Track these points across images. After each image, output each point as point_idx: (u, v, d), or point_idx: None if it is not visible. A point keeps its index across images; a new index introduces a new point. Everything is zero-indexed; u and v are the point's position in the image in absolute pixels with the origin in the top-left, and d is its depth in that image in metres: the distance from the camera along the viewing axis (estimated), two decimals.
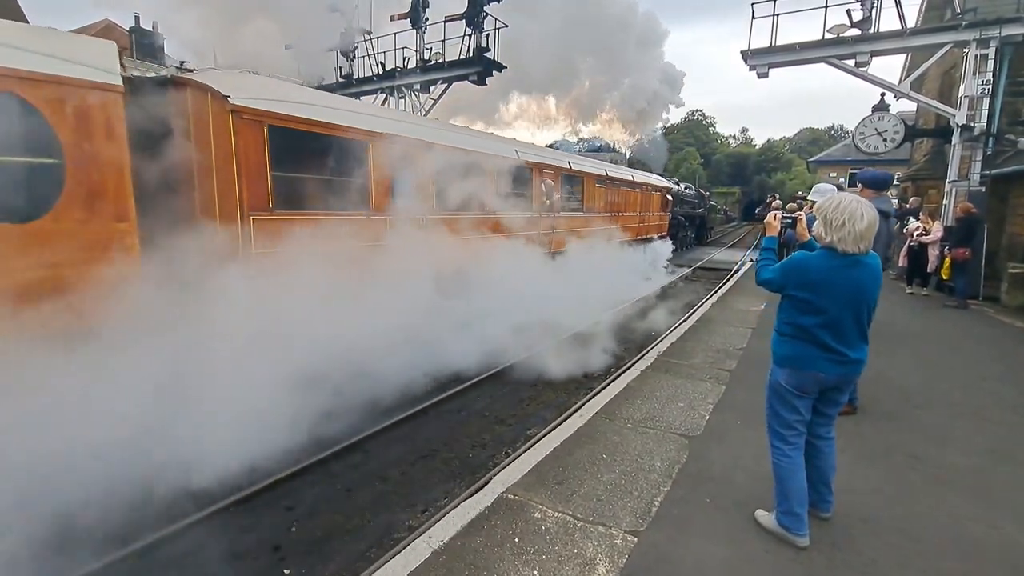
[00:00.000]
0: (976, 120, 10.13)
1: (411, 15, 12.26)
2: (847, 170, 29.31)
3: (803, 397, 2.55)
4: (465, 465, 5.08)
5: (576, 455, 3.59)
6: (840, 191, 5.39)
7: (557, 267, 9.50)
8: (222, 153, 5.06)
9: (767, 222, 2.99)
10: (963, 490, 3.17)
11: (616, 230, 12.97)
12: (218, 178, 5.09)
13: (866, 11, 10.46)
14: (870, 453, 3.63)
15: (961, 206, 9.47)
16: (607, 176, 12.96)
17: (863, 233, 2.28)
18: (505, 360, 7.38)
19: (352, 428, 5.28)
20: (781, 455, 2.60)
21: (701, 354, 6.12)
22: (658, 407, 4.48)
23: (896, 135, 11.62)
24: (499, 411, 6.24)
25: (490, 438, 5.66)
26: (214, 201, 5.12)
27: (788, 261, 2.53)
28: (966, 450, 3.71)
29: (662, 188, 17.98)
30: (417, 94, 13.10)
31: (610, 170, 13.44)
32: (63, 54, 3.98)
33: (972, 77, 10.00)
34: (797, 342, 2.49)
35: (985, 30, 9.77)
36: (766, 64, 11.45)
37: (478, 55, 11.41)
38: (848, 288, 2.36)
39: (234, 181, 5.10)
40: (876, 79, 11.08)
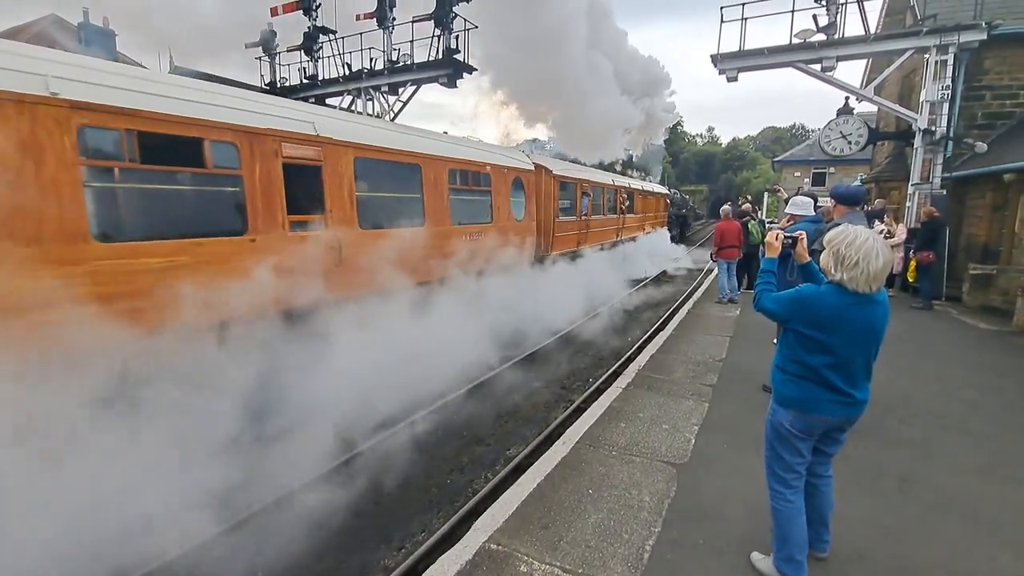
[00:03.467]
0: (937, 124, 10.39)
1: (377, 15, 11.83)
2: (811, 170, 30.12)
3: (806, 439, 2.40)
4: (443, 492, 4.85)
5: (561, 492, 3.39)
6: (811, 199, 5.38)
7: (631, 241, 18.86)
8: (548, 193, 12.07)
9: (767, 242, 2.72)
10: (957, 517, 3.11)
11: (648, 222, 21.89)
12: (546, 205, 12.03)
13: (831, 16, 10.60)
14: (860, 477, 3.55)
15: (924, 210, 9.70)
16: (643, 190, 20.96)
17: (877, 274, 2.12)
18: (483, 373, 7.18)
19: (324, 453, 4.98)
20: (781, 500, 2.45)
21: (681, 368, 6.01)
22: (642, 430, 4.33)
23: (860, 138, 11.84)
24: (477, 430, 6.02)
25: (468, 460, 5.44)
26: (548, 214, 12.17)
27: (796, 295, 2.34)
28: (954, 469, 3.67)
29: (663, 195, 25.60)
30: (385, 96, 12.69)
31: (644, 186, 21.66)
32: (518, 161, 10.96)
33: (932, 82, 10.24)
34: (804, 383, 2.33)
35: (944, 36, 10.01)
36: (736, 68, 11.50)
37: (448, 56, 11.10)
38: (860, 328, 2.21)
39: (553, 208, 12.14)
40: (841, 83, 11.27)
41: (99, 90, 4.25)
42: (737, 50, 11.37)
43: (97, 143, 4.31)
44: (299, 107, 6.47)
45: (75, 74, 4.17)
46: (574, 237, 13.62)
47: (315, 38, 13.07)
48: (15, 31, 21.21)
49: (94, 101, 4.19)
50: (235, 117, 5.21)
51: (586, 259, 13.57)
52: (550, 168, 12.27)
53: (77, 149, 4.08)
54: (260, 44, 13.83)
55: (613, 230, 16.97)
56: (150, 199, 4.85)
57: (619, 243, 17.53)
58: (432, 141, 8.42)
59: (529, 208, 11.18)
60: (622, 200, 17.86)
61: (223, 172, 5.18)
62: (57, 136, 3.96)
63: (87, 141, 4.19)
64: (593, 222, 14.93)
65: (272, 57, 13.99)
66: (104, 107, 4.24)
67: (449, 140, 9.55)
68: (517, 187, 10.69)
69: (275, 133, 5.56)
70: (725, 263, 10.02)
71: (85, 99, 4.14)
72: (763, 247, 2.78)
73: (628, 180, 20.16)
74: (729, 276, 10.05)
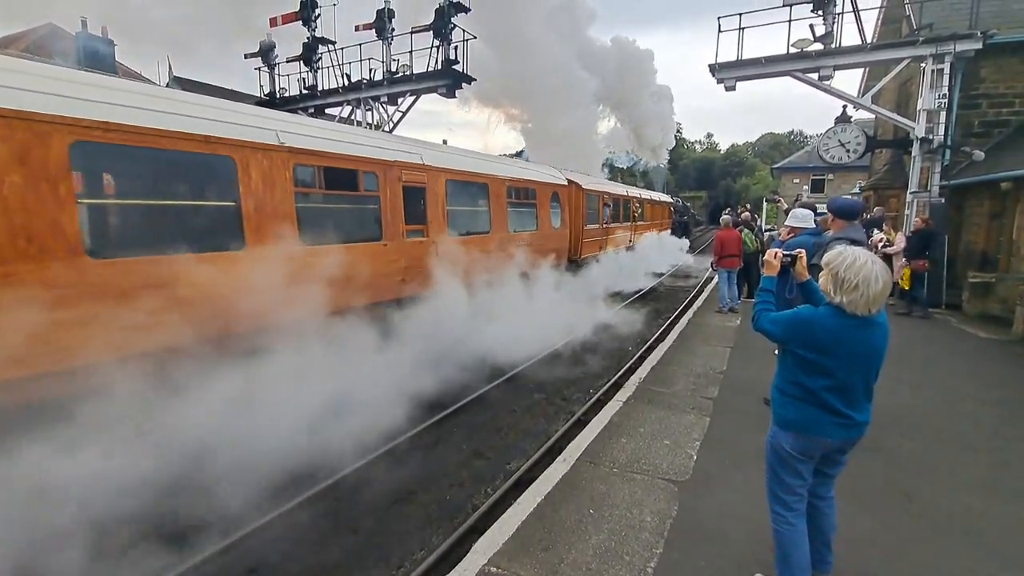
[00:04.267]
0: (934, 133, 10.44)
1: (376, 26, 11.90)
2: (809, 176, 30.19)
3: (807, 461, 2.39)
4: (443, 509, 4.81)
5: (561, 512, 3.37)
6: (811, 210, 5.39)
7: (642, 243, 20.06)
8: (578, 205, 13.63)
9: (766, 260, 2.69)
10: (960, 535, 3.09)
11: (656, 227, 23.90)
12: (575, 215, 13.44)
13: (828, 26, 10.66)
14: (862, 493, 3.53)
15: (917, 219, 9.77)
16: (651, 200, 23.69)
17: (876, 297, 2.11)
18: (483, 385, 7.17)
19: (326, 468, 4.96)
20: (783, 522, 2.43)
21: (682, 380, 6.00)
22: (643, 446, 4.31)
23: (858, 146, 11.90)
24: (477, 443, 5.98)
25: (468, 475, 5.40)
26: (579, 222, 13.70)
27: (794, 317, 2.33)
28: (956, 485, 3.65)
29: (668, 203, 28.24)
30: (384, 106, 12.74)
31: (654, 196, 25.13)
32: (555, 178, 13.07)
33: (929, 91, 10.29)
34: (802, 405, 2.31)
35: (940, 46, 10.07)
36: (734, 77, 11.57)
37: (446, 67, 11.15)
38: (859, 351, 2.19)
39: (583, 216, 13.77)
40: (838, 92, 11.33)
41: (305, 140, 6.13)
42: (735, 60, 11.43)
43: (302, 176, 6.22)
44: (410, 142, 8.52)
45: (292, 128, 6.14)
46: (598, 242, 15.36)
47: (314, 49, 13.13)
48: (11, 39, 21.30)
49: (303, 148, 6.04)
50: (378, 154, 7.14)
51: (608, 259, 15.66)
52: (579, 183, 14.02)
53: (292, 180, 5.85)
54: (259, 54, 13.89)
55: (628, 235, 19.00)
56: (330, 215, 6.67)
57: (632, 247, 19.20)
58: (495, 163, 10.64)
59: (564, 217, 12.99)
60: (635, 209, 19.84)
61: (369, 194, 7.02)
62: (282, 171, 5.76)
63: (297, 175, 5.98)
64: (612, 228, 16.82)
65: (271, 67, 14.05)
66: (308, 151, 6.09)
67: (507, 162, 11.73)
68: (555, 200, 12.52)
69: (399, 164, 7.43)
70: (726, 272, 10.03)
71: (298, 146, 5.99)
72: (761, 259, 2.76)
73: (639, 191, 22.71)
74: (729, 285, 10.06)
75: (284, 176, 5.70)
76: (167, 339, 4.49)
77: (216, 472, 4.21)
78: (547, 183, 12.16)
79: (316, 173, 6.55)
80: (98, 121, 4.21)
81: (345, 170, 6.65)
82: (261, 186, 5.44)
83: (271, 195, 5.54)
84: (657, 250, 20.63)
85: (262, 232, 5.39)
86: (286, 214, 5.70)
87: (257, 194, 5.41)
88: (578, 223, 13.77)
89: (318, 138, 6.35)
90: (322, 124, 7.33)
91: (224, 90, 20.05)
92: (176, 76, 20.11)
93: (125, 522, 3.64)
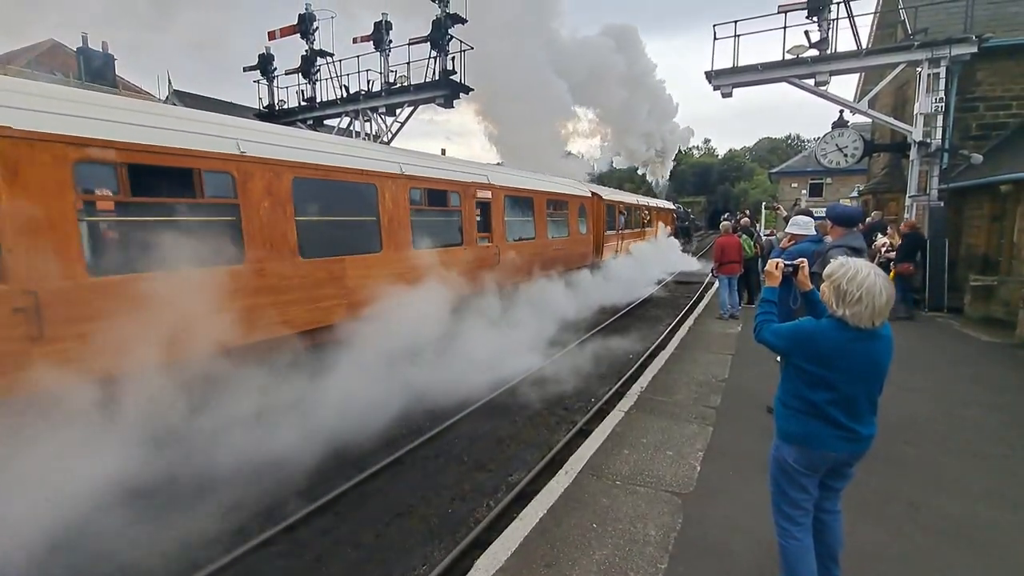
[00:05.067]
0: (932, 136, 10.45)
1: (374, 38, 11.99)
2: (807, 180, 30.25)
3: (812, 476, 2.35)
4: (444, 523, 4.76)
5: (564, 526, 3.33)
6: (812, 217, 5.38)
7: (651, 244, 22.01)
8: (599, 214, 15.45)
9: (767, 271, 2.66)
10: (967, 546, 3.04)
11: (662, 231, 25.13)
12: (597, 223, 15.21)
13: (823, 32, 10.72)
14: (868, 502, 3.48)
15: (906, 222, 9.80)
16: (657, 207, 25.68)
17: (881, 310, 2.08)
18: (485, 394, 7.13)
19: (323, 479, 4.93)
20: (789, 537, 2.39)
21: (684, 389, 5.96)
22: (646, 458, 4.27)
23: (856, 150, 11.91)
24: (478, 455, 5.93)
25: (470, 488, 5.35)
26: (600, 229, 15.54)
27: (795, 329, 2.30)
28: (962, 494, 3.61)
29: (672, 210, 30.16)
30: (383, 117, 12.80)
31: (660, 204, 27.49)
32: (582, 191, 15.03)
33: (926, 95, 10.32)
34: (806, 418, 2.28)
35: (936, 50, 10.12)
36: (730, 84, 11.61)
37: (444, 77, 11.21)
38: (863, 364, 2.16)
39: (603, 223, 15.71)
40: (835, 97, 11.36)
41: (417, 168, 8.03)
42: (731, 66, 11.48)
43: (413, 196, 7.91)
44: (478, 165, 10.97)
45: (409, 160, 8.04)
46: (614, 246, 17.36)
47: (313, 61, 13.22)
48: (13, 55, 21.44)
49: (416, 175, 7.91)
50: (462, 176, 9.05)
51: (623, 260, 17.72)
52: (600, 194, 16.12)
53: (408, 199, 7.67)
54: (258, 67, 13.98)
55: (637, 240, 20.98)
56: (430, 226, 8.32)
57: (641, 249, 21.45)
58: (537, 180, 12.38)
59: (588, 225, 14.92)
60: (644, 216, 21.97)
61: (455, 209, 8.88)
62: (403, 193, 7.57)
63: (411, 196, 7.75)
64: (625, 234, 18.80)
65: (270, 80, 14.14)
66: (419, 177, 7.99)
67: (545, 178, 13.28)
68: (581, 210, 14.42)
69: (474, 184, 9.29)
70: (726, 278, 10.00)
71: (413, 174, 7.85)
72: (761, 264, 2.74)
73: (647, 200, 25.14)
74: (730, 291, 10.03)
75: (404, 197, 7.56)
76: (344, 313, 6.52)
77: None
78: (576, 195, 14.17)
79: (422, 194, 8.18)
80: (310, 164, 6.19)
81: (440, 191, 8.57)
82: (391, 205, 7.32)
83: (396, 211, 7.42)
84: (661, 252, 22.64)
85: (392, 239, 7.32)
86: (405, 225, 7.58)
87: (389, 211, 7.30)
88: (600, 229, 15.61)
89: (424, 167, 8.26)
90: (424, 155, 9.50)
91: (223, 103, 20.16)
92: (176, 90, 20.23)
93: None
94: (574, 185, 14.88)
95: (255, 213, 5.49)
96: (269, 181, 5.64)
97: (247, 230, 5.40)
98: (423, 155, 9.34)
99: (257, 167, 5.53)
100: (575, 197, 13.94)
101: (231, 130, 5.54)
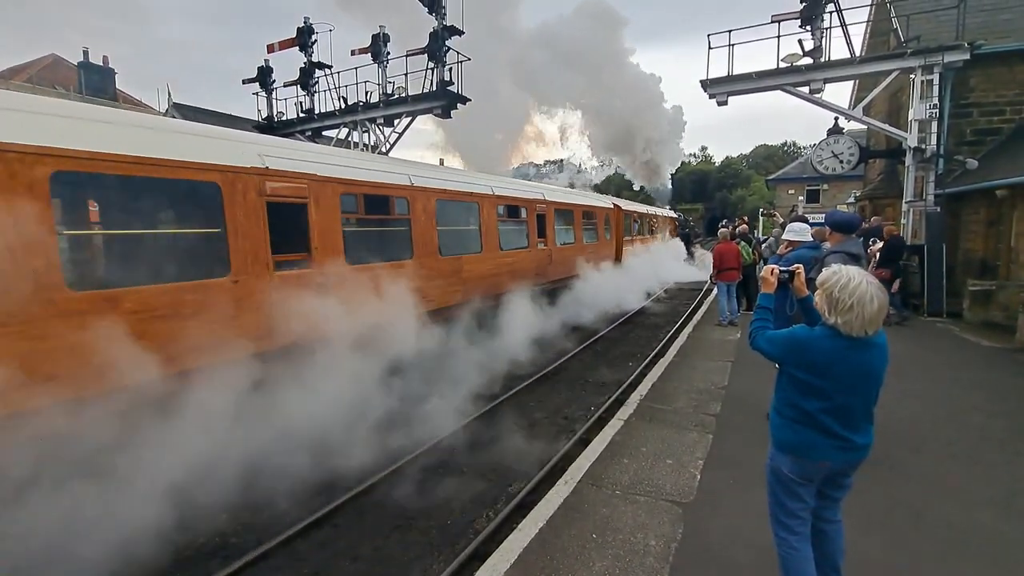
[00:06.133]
0: (927, 142, 10.50)
1: (372, 50, 12.07)
2: (804, 187, 30.37)
3: (808, 485, 2.32)
4: (444, 534, 4.70)
5: (564, 537, 3.29)
6: (808, 224, 5.39)
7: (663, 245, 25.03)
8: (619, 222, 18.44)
9: (763, 277, 2.64)
10: (973, 556, 3.00)
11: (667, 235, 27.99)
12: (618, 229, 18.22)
13: (816, 40, 10.81)
14: (872, 511, 3.44)
15: (886, 229, 9.82)
16: (664, 215, 28.47)
17: (873, 318, 2.06)
18: (487, 403, 7.09)
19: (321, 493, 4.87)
20: (788, 547, 2.36)
21: (683, 396, 5.93)
22: (646, 467, 4.23)
23: (852, 157, 11.95)
24: (478, 464, 5.88)
25: (469, 498, 5.30)
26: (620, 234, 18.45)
27: (790, 337, 2.28)
28: (967, 502, 3.57)
29: (673, 218, 32.44)
30: (381, 128, 12.85)
31: (663, 212, 29.32)
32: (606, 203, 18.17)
33: (920, 101, 10.38)
34: (800, 427, 2.26)
35: (929, 57, 10.19)
36: (725, 92, 11.68)
37: (442, 88, 11.28)
38: (856, 373, 2.14)
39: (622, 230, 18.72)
40: (830, 104, 11.43)
41: (502, 189, 10.57)
42: (726, 75, 11.56)
43: (500, 211, 10.36)
44: (536, 185, 14.14)
45: (497, 183, 10.72)
46: (630, 250, 19.79)
47: (311, 73, 13.31)
48: (15, 71, 21.57)
49: (502, 194, 10.42)
50: (527, 194, 11.73)
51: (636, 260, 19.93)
52: (620, 206, 19.15)
53: (497, 213, 10.15)
54: (257, 79, 14.07)
55: (648, 243, 23.76)
56: (508, 233, 10.72)
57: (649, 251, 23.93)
58: (576, 194, 16.35)
59: (612, 232, 17.92)
60: (652, 223, 24.83)
61: (523, 219, 11.51)
62: (493, 208, 10.08)
63: (498, 210, 10.30)
64: (637, 239, 21.33)
65: (269, 92, 14.22)
66: (504, 196, 10.50)
67: (580, 194, 17.38)
68: (607, 219, 17.32)
69: (535, 200, 11.98)
70: (725, 285, 10.00)
71: (500, 193, 10.43)
72: (758, 271, 2.73)
73: (655, 209, 28.44)
74: (729, 298, 10.02)
75: (494, 211, 10.07)
76: (461, 296, 8.90)
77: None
78: (602, 207, 17.10)
79: (504, 209, 10.69)
80: (445, 189, 8.68)
81: (515, 206, 11.24)
82: (487, 217, 9.78)
83: (490, 222, 9.89)
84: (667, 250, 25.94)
85: (488, 243, 9.82)
86: (494, 232, 10.04)
87: (486, 221, 9.76)
88: (620, 235, 18.59)
89: (507, 188, 11.10)
90: (503, 178, 12.59)
91: (222, 115, 20.26)
92: (176, 103, 20.33)
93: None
94: (600, 199, 18.41)
95: (418, 224, 7.94)
96: (424, 202, 8.09)
97: (415, 237, 7.87)
98: (503, 179, 12.52)
99: (419, 193, 8.00)
100: (601, 209, 16.93)
101: (404, 167, 8.47)
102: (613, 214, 17.88)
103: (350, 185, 6.74)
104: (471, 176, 10.37)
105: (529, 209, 11.52)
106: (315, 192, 6.07)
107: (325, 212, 6.24)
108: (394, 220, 7.89)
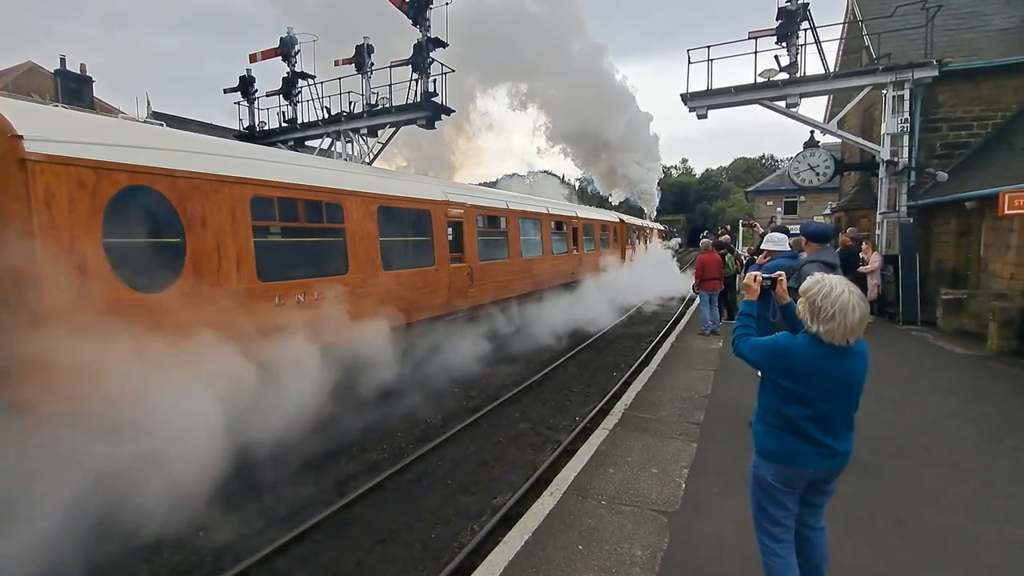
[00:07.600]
0: (899, 155, 10.82)
1: (356, 60, 12.07)
2: (782, 199, 31.05)
3: (791, 492, 2.33)
4: (428, 548, 4.62)
5: (549, 549, 3.25)
6: (787, 234, 5.49)
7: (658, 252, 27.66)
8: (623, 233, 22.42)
9: (745, 284, 2.68)
10: (953, 560, 3.04)
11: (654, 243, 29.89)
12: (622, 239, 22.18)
13: (792, 56, 11.11)
14: (853, 517, 3.47)
15: (841, 239, 10.07)
16: (651, 227, 30.45)
17: (854, 327, 2.08)
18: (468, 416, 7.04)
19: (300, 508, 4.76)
20: (772, 555, 2.36)
21: (668, 405, 5.95)
22: (631, 476, 4.22)
23: (827, 169, 12.25)
24: (462, 478, 5.81)
25: (453, 512, 5.22)
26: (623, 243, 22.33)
27: (772, 344, 2.30)
28: (945, 506, 3.62)
29: (659, 229, 34.74)
30: (364, 139, 12.82)
31: (651, 225, 31.46)
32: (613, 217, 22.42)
33: (892, 116, 10.72)
34: (782, 434, 2.27)
35: (899, 73, 10.54)
36: (705, 106, 11.92)
37: (426, 99, 11.30)
38: (837, 380, 2.16)
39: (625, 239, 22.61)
40: (805, 118, 11.74)
41: (557, 208, 15.45)
42: (705, 89, 11.80)
43: (554, 226, 14.65)
44: (569, 204, 18.69)
45: (554, 205, 15.78)
46: (631, 257, 22.92)
47: (294, 83, 13.25)
48: None
49: (556, 213, 14.82)
50: (566, 212, 15.86)
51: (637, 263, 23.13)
52: (623, 219, 22.86)
53: (551, 227, 14.32)
54: (239, 89, 13.96)
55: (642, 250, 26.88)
56: (556, 241, 14.59)
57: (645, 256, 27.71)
58: (595, 211, 20.62)
59: (619, 240, 21.64)
60: (646, 234, 28.26)
61: (564, 231, 15.23)
62: (548, 223, 14.19)
63: (552, 225, 14.42)
64: (635, 245, 24.66)
65: (251, 102, 14.11)
66: (557, 215, 14.89)
67: (598, 211, 21.24)
68: (615, 231, 21.13)
69: (573, 217, 16.08)
70: (707, 295, 10.11)
71: (554, 212, 14.80)
72: (739, 280, 2.76)
73: (647, 222, 31.46)
74: (711, 307, 10.13)
75: (549, 226, 13.84)
76: (529, 287, 12.52)
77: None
78: (611, 221, 20.92)
79: (556, 224, 14.42)
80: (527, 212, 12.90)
81: (560, 221, 14.78)
82: (544, 229, 13.51)
83: (547, 233, 13.61)
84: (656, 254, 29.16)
85: (545, 249, 13.53)
86: (549, 240, 13.73)
87: (544, 232, 13.41)
88: (623, 244, 22.29)
89: (558, 209, 15.20)
90: (554, 200, 17.11)
91: (203, 124, 20.02)
92: (154, 112, 20.02)
93: None
94: (609, 214, 22.51)
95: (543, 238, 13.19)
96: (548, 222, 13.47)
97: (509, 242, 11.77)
98: (552, 201, 16.45)
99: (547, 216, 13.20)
100: (611, 222, 20.99)
101: (435, 182, 10.45)
102: (619, 227, 22.21)
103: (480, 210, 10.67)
104: (535, 199, 14.44)
105: (568, 224, 15.44)
106: (468, 214, 10.06)
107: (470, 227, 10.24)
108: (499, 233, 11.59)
